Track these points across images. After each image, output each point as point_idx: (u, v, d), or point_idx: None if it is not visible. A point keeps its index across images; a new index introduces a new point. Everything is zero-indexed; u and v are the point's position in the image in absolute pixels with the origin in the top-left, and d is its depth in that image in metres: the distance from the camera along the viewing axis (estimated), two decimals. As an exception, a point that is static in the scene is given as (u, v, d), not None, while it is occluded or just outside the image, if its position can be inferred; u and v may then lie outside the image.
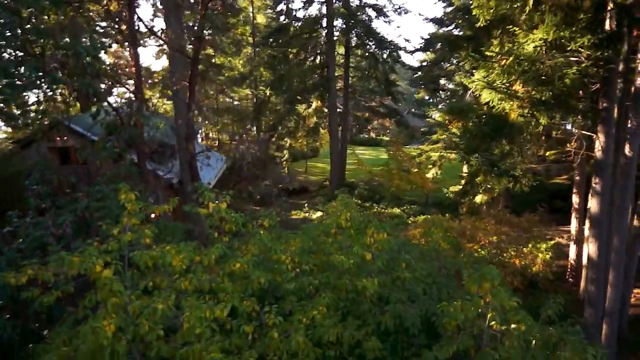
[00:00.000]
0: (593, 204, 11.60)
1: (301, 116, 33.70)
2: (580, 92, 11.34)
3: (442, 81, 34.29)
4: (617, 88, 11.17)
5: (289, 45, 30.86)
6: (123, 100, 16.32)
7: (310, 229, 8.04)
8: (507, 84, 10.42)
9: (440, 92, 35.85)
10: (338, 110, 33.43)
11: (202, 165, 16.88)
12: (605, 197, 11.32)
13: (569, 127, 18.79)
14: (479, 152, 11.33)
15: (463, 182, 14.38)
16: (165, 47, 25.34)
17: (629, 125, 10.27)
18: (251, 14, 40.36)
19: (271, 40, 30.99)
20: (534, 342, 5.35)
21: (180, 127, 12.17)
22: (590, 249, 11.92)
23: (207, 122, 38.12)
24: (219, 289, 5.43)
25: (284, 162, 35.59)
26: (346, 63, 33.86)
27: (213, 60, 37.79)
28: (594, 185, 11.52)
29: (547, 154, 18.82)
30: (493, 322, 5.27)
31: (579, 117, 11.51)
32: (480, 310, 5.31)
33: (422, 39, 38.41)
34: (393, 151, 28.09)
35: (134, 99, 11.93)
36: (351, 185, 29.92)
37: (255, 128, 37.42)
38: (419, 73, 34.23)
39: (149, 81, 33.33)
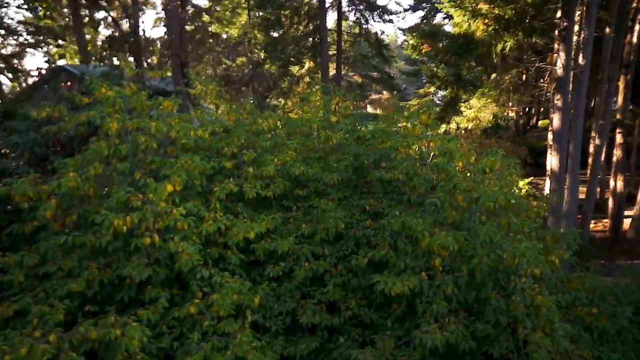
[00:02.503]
0: (555, 120, 12.60)
1: (295, 77, 34.52)
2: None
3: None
4: (576, 7, 12.08)
5: (282, 8, 31.57)
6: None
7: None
8: (474, 4, 11.30)
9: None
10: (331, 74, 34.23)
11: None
12: (565, 112, 12.30)
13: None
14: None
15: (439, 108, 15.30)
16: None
17: (582, 36, 11.20)
18: (245, -19, 40.80)
19: (264, 2, 31.69)
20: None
21: (174, 40, 12.75)
22: (552, 162, 12.95)
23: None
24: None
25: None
26: (339, 28, 34.53)
27: (209, 29, 38.44)
28: (555, 102, 12.51)
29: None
30: (432, 153, 6.33)
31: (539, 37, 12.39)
32: (421, 142, 6.35)
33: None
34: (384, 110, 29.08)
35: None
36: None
37: (250, 90, 38.25)
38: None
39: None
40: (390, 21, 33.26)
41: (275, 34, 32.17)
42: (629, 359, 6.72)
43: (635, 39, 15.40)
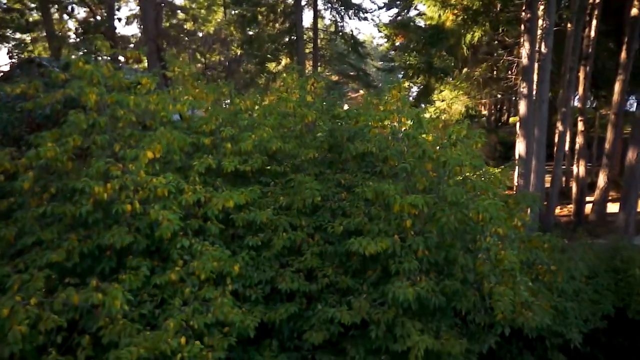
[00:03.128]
0: (521, 107, 13.09)
1: (271, 74, 34.56)
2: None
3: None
4: (539, 1, 12.60)
5: (258, 5, 31.62)
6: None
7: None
8: (444, -5, 11.66)
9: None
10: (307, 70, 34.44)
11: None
12: (530, 98, 12.80)
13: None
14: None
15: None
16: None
17: (544, 26, 11.70)
18: (220, -21, 40.61)
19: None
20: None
21: (150, 26, 12.57)
22: (519, 147, 13.43)
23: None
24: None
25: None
26: (315, 26, 34.77)
27: (185, 26, 38.12)
28: (521, 89, 12.99)
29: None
30: (404, 128, 6.57)
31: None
32: (393, 116, 6.59)
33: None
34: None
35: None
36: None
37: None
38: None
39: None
40: (365, 19, 33.50)
41: (252, 32, 32.16)
42: (585, 316, 7.13)
43: (592, 34, 16.13)
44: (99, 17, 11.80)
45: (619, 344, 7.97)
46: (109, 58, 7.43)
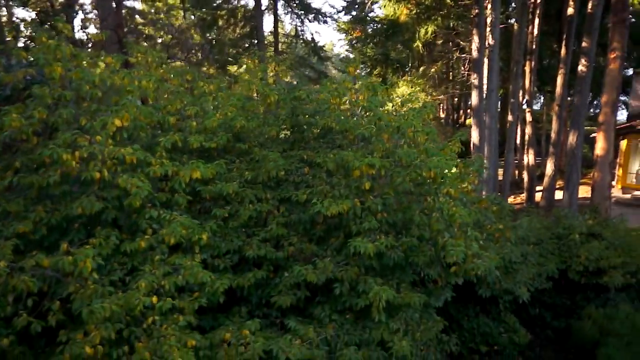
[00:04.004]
0: (473, 97, 13.83)
1: (233, 77, 34.57)
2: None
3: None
4: (486, -1, 13.43)
5: (218, 9, 31.70)
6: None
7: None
8: (399, -10, 12.24)
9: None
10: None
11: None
12: (481, 88, 13.56)
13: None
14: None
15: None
16: None
17: (490, 20, 12.48)
18: (180, -16, 40.35)
19: (200, 3, 31.67)
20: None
21: (110, 15, 12.28)
22: (473, 136, 14.17)
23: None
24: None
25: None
26: (275, 30, 35.14)
27: (144, 31, 37.61)
28: (472, 81, 13.74)
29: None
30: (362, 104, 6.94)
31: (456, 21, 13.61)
32: (350, 93, 6.95)
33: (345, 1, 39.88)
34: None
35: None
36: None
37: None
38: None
39: None
40: (325, 22, 33.98)
41: (213, 36, 32.21)
42: (532, 276, 7.70)
43: (536, 31, 17.24)
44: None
45: (563, 304, 8.60)
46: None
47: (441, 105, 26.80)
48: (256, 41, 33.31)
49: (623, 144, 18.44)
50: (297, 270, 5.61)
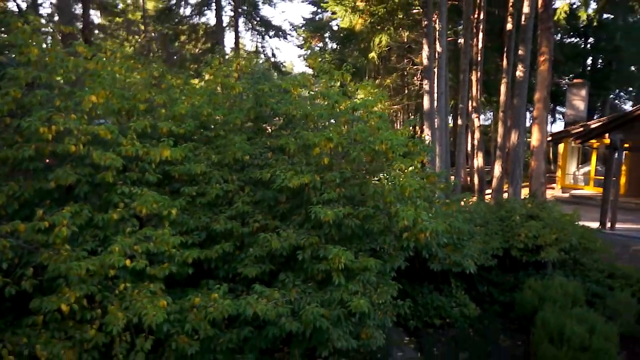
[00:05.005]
0: (425, 102, 14.76)
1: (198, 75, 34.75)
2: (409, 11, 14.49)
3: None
4: (433, 11, 14.50)
5: (180, 24, 31.98)
6: None
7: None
8: (353, 2, 13.07)
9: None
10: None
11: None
12: (432, 93, 14.52)
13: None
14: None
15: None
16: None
17: (439, 29, 13.51)
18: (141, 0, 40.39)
19: (161, 18, 31.87)
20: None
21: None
22: (425, 137, 15.07)
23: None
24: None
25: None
26: (236, 45, 35.71)
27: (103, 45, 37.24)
28: (424, 86, 14.69)
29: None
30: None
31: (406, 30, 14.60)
32: (310, 84, 7.50)
33: (303, 18, 41.00)
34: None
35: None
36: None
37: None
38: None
39: None
40: (285, 37, 34.81)
41: (174, 50, 32.36)
42: (478, 250, 8.38)
43: (480, 44, 18.64)
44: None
45: (507, 281, 9.34)
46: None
47: (397, 115, 27.95)
48: (217, 57, 33.75)
49: (561, 147, 19.97)
50: (262, 237, 5.99)
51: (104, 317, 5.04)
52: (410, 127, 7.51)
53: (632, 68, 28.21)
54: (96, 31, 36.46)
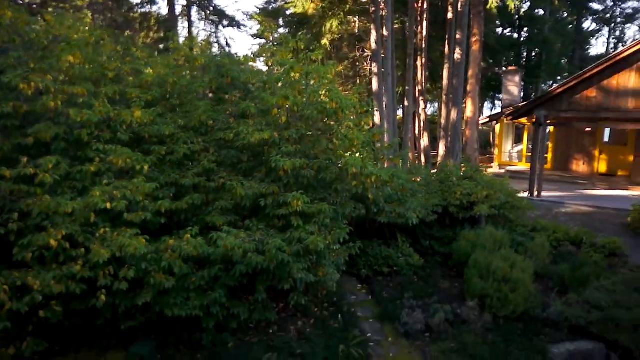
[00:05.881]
0: (373, 83, 15.77)
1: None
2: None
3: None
4: (380, -2, 15.52)
5: (131, 11, 31.44)
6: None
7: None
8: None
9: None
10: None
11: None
12: (380, 75, 15.55)
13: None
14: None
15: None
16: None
17: (385, 14, 14.52)
18: (88, -12, 39.07)
19: (110, 6, 31.12)
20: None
21: None
22: (374, 119, 16.10)
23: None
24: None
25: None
26: (190, 35, 35.47)
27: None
28: (372, 69, 15.69)
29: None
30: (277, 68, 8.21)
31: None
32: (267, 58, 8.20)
33: (257, 8, 41.09)
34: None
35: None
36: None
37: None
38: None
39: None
40: (239, 27, 34.90)
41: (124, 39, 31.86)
42: (420, 205, 9.42)
43: (424, 32, 19.95)
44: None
45: (447, 235, 10.48)
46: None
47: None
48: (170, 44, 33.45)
49: (497, 128, 21.74)
50: (228, 185, 6.67)
51: (87, 256, 5.58)
52: (359, 94, 8.39)
53: (560, 59, 30.83)
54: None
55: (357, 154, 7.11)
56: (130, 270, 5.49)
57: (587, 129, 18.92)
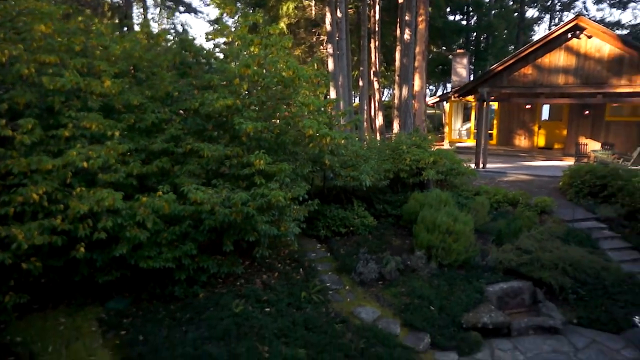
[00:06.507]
0: (329, 63, 16.50)
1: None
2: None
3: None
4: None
5: (84, -4, 30.51)
6: None
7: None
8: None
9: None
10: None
11: None
12: (335, 56, 16.29)
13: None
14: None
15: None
16: None
17: (338, -3, 15.22)
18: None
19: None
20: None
21: None
22: (331, 94, 16.86)
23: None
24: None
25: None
26: (145, 20, 34.94)
27: None
28: (328, 50, 16.40)
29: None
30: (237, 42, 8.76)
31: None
32: (228, 33, 8.74)
33: None
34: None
35: None
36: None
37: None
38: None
39: None
40: (196, 13, 34.73)
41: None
42: (373, 170, 10.27)
43: (377, 16, 20.82)
44: None
45: (398, 199, 11.40)
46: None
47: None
48: (126, 31, 32.88)
49: (447, 107, 23.04)
50: (195, 146, 7.23)
51: (66, 212, 6.02)
52: (315, 65, 9.07)
53: (505, 44, 32.63)
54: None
55: (312, 116, 7.80)
56: (108, 221, 5.96)
57: (527, 106, 20.43)
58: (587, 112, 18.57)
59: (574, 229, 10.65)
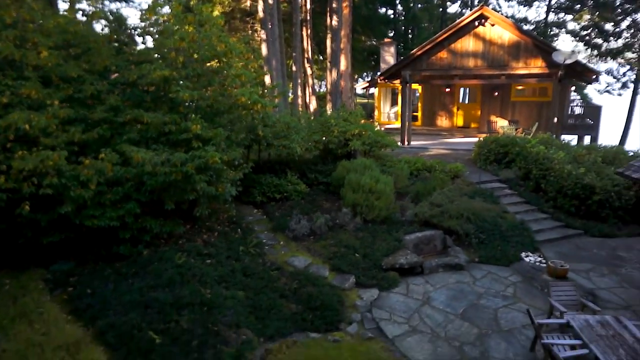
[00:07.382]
0: (263, 49, 17.13)
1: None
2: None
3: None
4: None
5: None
6: None
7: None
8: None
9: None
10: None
11: None
12: (269, 41, 16.95)
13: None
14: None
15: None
16: None
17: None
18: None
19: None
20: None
21: None
22: (266, 79, 17.54)
23: None
24: None
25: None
26: (71, 7, 33.48)
27: None
28: (262, 36, 17.02)
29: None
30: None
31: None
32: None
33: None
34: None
35: None
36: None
37: None
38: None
39: None
40: (127, 2, 33.61)
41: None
42: (303, 139, 11.16)
43: (309, 5, 21.73)
44: None
45: (328, 169, 12.38)
46: None
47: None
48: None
49: (376, 91, 24.50)
50: (135, 113, 7.71)
51: (9, 172, 6.33)
52: (246, 43, 9.75)
53: (428, 34, 34.77)
54: None
55: (243, 86, 8.51)
56: (53, 178, 6.35)
57: (447, 90, 22.26)
58: (496, 93, 20.63)
59: (480, 188, 12.17)
